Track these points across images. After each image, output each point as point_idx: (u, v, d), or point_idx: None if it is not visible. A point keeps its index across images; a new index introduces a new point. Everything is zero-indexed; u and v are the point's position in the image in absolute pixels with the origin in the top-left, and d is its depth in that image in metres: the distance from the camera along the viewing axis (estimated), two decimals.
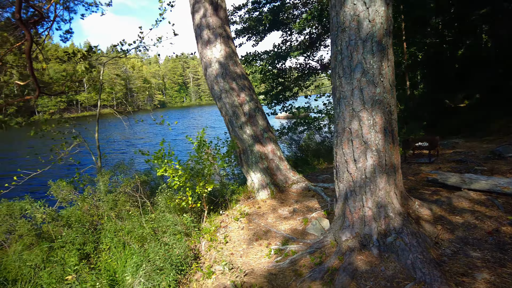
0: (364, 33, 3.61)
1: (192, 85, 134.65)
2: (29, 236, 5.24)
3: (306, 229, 4.77)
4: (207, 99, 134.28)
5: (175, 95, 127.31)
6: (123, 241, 5.33)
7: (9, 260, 4.94)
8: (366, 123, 3.69)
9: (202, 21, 6.40)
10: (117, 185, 6.24)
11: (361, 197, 3.79)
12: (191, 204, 5.40)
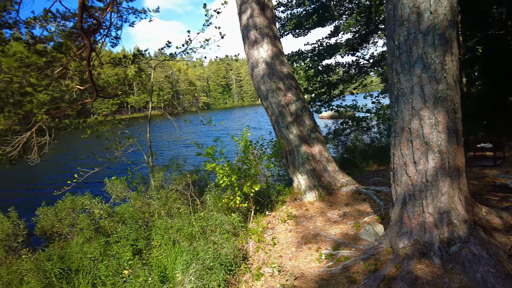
0: (425, 26, 3.36)
1: (235, 86, 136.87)
2: (89, 230, 5.58)
3: (358, 234, 4.57)
4: (249, 100, 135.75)
5: (218, 96, 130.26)
6: (173, 238, 5.48)
7: (72, 251, 5.29)
8: (427, 122, 3.43)
9: (249, 21, 6.41)
10: (168, 184, 6.45)
11: (421, 202, 3.53)
12: (238, 203, 5.41)
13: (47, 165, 22.17)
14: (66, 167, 21.26)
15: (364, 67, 11.51)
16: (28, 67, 7.87)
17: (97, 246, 5.28)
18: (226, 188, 5.96)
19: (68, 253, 5.29)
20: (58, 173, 19.72)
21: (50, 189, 15.27)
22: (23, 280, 4.67)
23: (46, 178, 19.12)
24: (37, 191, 16.17)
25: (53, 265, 4.83)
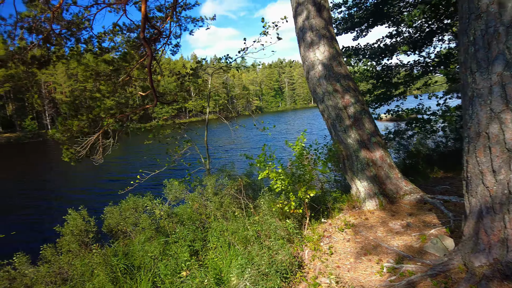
0: (509, 17, 2.97)
1: (287, 89, 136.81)
2: (150, 229, 5.85)
3: (424, 247, 4.19)
4: (302, 103, 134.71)
5: (271, 100, 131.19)
6: (228, 241, 5.52)
7: (134, 249, 5.59)
8: (510, 126, 3.02)
9: (305, 23, 6.29)
10: (222, 187, 6.55)
11: (503, 216, 3.11)
12: (293, 209, 5.30)
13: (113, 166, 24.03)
14: (131, 169, 22.80)
15: (428, 65, 10.68)
16: (97, 75, 8.57)
17: (157, 245, 5.51)
18: (280, 193, 5.88)
19: (131, 250, 5.59)
20: (123, 175, 21.21)
21: (116, 189, 16.53)
22: (94, 273, 5.03)
23: (113, 178, 20.66)
24: (104, 191, 17.52)
25: (118, 261, 5.14)
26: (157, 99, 8.09)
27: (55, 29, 8.42)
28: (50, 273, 5.18)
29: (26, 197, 17.90)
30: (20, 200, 17.41)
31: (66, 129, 8.01)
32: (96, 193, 17.01)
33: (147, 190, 8.10)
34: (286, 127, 46.55)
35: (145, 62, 8.95)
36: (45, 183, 21.57)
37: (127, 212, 6.34)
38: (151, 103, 8.62)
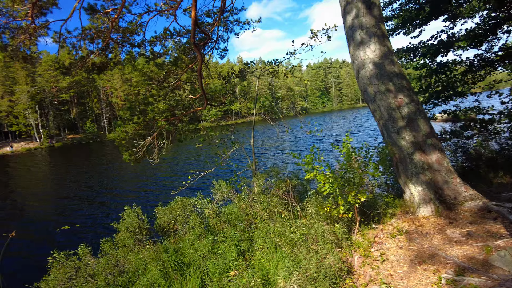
0: None
1: (334, 89, 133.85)
2: (199, 228, 6.03)
3: (489, 259, 3.84)
4: (349, 103, 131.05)
5: (316, 100, 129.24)
6: (275, 243, 5.51)
7: (184, 246, 5.79)
8: None
9: (354, 22, 6.10)
10: (269, 189, 6.56)
11: None
12: (342, 213, 5.15)
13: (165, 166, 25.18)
14: (182, 169, 23.70)
15: (490, 61, 9.78)
16: (150, 80, 9.04)
17: (206, 244, 5.66)
18: (328, 196, 5.75)
19: (181, 248, 5.80)
20: (174, 174, 22.11)
21: (168, 188, 17.24)
22: (147, 267, 5.29)
23: (164, 179, 21.63)
24: (157, 189, 18.40)
25: (169, 258, 5.36)
26: (207, 101, 8.32)
27: (112, 37, 9.06)
28: (109, 265, 5.54)
29: (89, 193, 19.40)
30: (84, 195, 18.90)
31: (124, 132, 8.56)
32: (150, 192, 17.92)
33: (196, 189, 8.39)
34: (333, 128, 45.54)
35: (195, 66, 9.28)
36: (104, 181, 23.20)
37: (177, 210, 6.61)
38: (201, 106, 8.90)
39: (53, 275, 5.12)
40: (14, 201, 19.79)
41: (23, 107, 68.22)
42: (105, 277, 5.11)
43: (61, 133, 78.25)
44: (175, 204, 6.78)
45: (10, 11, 7.85)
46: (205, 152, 30.66)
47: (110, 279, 5.12)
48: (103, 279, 5.06)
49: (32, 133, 71.64)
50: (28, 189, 23.61)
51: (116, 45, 9.19)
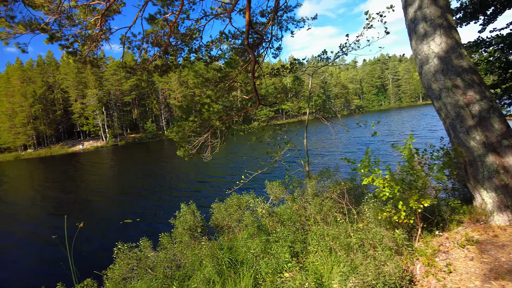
0: None
1: (392, 86, 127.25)
2: (252, 227, 6.08)
3: None
4: (408, 101, 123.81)
5: (372, 98, 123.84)
6: (329, 246, 5.36)
7: (238, 244, 5.88)
8: None
9: (417, 14, 5.68)
10: (323, 191, 6.41)
11: None
12: (403, 219, 4.83)
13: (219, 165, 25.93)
14: (235, 168, 24.24)
15: None
16: (207, 81, 9.34)
17: (258, 243, 5.69)
18: (387, 201, 5.45)
19: (235, 245, 5.89)
20: (227, 174, 22.68)
21: (222, 186, 17.72)
22: (202, 263, 5.46)
23: (217, 177, 22.29)
24: (209, 187, 19.02)
25: (223, 255, 5.47)
26: (260, 101, 8.37)
27: (171, 42, 9.52)
28: (167, 258, 5.82)
29: (148, 189, 20.67)
30: (144, 191, 20.19)
31: (181, 129, 8.95)
32: (204, 189, 18.57)
33: (249, 188, 8.48)
34: (390, 128, 43.26)
35: (249, 67, 9.40)
36: (161, 178, 24.56)
37: (231, 209, 6.73)
38: (253, 106, 8.99)
39: (118, 265, 5.50)
40: (83, 194, 21.76)
41: (92, 109, 74.92)
42: (164, 270, 5.36)
43: (124, 133, 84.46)
44: (230, 201, 6.92)
45: (82, 21, 8.60)
46: (257, 151, 31.02)
47: (168, 272, 5.37)
48: (161, 272, 5.32)
49: (100, 133, 78.50)
50: (95, 183, 25.85)
51: (176, 49, 9.65)
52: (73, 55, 8.36)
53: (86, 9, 8.32)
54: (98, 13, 8.39)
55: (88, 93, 75.77)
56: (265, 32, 10.05)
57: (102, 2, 8.27)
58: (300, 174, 8.70)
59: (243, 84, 9.93)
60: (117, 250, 5.76)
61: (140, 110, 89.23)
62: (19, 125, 70.21)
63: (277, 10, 9.82)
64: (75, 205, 18.79)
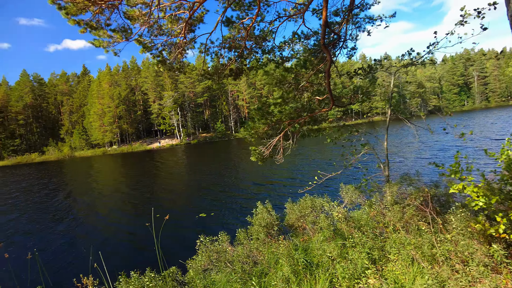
0: None
1: (477, 85, 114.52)
2: (328, 230, 6.02)
3: None
4: (497, 101, 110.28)
5: (453, 98, 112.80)
6: (411, 256, 5.08)
7: (313, 246, 5.87)
8: None
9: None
10: (404, 198, 6.07)
11: None
12: (501, 233, 4.36)
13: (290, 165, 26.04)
14: (307, 169, 24.10)
15: None
16: (280, 82, 9.45)
17: (334, 247, 5.61)
18: (479, 211, 4.97)
19: (310, 247, 5.89)
20: (295, 175, 22.65)
21: (294, 186, 17.79)
22: (278, 262, 5.57)
23: (286, 178, 22.37)
24: (279, 188, 19.17)
25: (299, 255, 5.51)
26: (334, 102, 8.24)
27: (247, 45, 9.85)
28: (244, 254, 6.05)
29: (219, 185, 21.65)
30: (215, 187, 21.20)
31: (253, 131, 9.21)
32: (274, 189, 18.79)
33: (320, 190, 8.39)
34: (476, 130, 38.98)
35: (322, 68, 9.29)
36: (231, 175, 25.52)
37: (305, 210, 6.74)
38: (327, 107, 8.87)
39: (200, 256, 5.89)
40: (161, 187, 23.60)
41: (168, 110, 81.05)
42: (242, 265, 5.59)
43: (196, 132, 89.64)
44: (304, 202, 6.93)
45: (170, 30, 9.36)
46: (331, 152, 30.49)
47: (245, 268, 5.58)
48: (240, 267, 5.55)
49: (175, 132, 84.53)
50: (171, 177, 27.86)
51: (250, 52, 9.97)
52: (163, 64, 9.13)
53: (172, 19, 9.05)
54: (183, 22, 9.06)
55: (165, 95, 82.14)
56: (340, 31, 9.82)
57: (186, 11, 8.91)
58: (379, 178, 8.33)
59: (315, 85, 9.85)
60: (199, 243, 6.16)
61: (211, 111, 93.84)
62: (107, 124, 78.94)
63: (352, 8, 9.54)
64: (155, 197, 20.49)
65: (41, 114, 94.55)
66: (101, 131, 79.53)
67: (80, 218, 17.20)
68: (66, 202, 21.82)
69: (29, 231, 15.29)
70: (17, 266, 10.72)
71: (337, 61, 10.25)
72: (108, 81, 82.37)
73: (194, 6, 8.99)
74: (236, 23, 9.31)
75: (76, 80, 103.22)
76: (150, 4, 8.47)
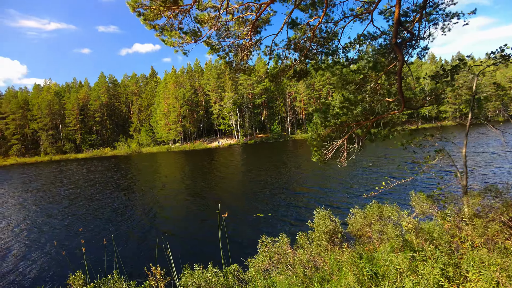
0: None
1: None
2: (396, 240, 5.66)
3: None
4: None
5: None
6: (496, 278, 4.56)
7: (378, 257, 5.56)
8: None
9: None
10: (489, 210, 5.47)
11: None
12: None
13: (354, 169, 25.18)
14: (374, 174, 22.97)
15: None
16: (347, 84, 9.15)
17: (403, 259, 5.25)
18: None
19: (376, 257, 5.59)
20: (364, 179, 21.49)
21: (357, 191, 17.10)
22: (341, 269, 5.38)
23: (355, 181, 21.52)
24: (345, 192, 18.43)
25: (364, 264, 5.26)
26: (405, 104, 7.75)
27: (312, 46, 9.71)
28: (305, 258, 5.94)
29: (276, 186, 21.65)
30: (272, 187, 21.26)
31: (316, 133, 9.05)
32: (334, 193, 18.22)
33: (389, 197, 7.93)
34: None
35: (392, 69, 8.80)
36: (288, 176, 25.35)
37: (371, 218, 6.42)
38: (397, 109, 8.38)
39: (262, 256, 5.92)
40: (221, 186, 24.30)
41: (228, 110, 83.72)
42: (303, 269, 5.50)
43: (253, 132, 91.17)
44: (370, 209, 6.60)
45: (236, 32, 9.59)
46: (400, 157, 28.89)
47: (307, 272, 5.48)
48: (301, 271, 5.46)
49: (233, 132, 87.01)
50: (229, 175, 28.56)
51: (315, 54, 9.81)
52: (229, 65, 9.39)
53: (240, 21, 9.27)
54: (249, 24, 9.23)
55: (225, 96, 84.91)
56: (411, 29, 9.23)
57: (253, 13, 9.06)
58: (453, 188, 7.63)
59: (386, 86, 9.36)
60: (261, 242, 6.19)
61: (268, 112, 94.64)
62: (171, 122, 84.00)
63: (426, 5, 8.89)
64: (214, 193, 21.19)
65: (114, 112, 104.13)
66: (166, 129, 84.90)
67: (146, 209, 18.46)
68: (135, 193, 23.55)
69: (103, 219, 16.78)
70: (94, 251, 11.82)
71: (409, 61, 9.65)
72: (173, 82, 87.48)
73: (261, 8, 9.11)
74: (302, 24, 9.24)
75: (145, 81, 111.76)
76: (219, 7, 8.77)
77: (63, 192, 26.94)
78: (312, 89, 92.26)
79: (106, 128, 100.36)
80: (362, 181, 20.52)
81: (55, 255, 11.81)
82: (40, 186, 31.88)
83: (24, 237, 14.79)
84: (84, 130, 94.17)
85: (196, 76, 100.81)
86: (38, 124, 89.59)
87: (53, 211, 19.61)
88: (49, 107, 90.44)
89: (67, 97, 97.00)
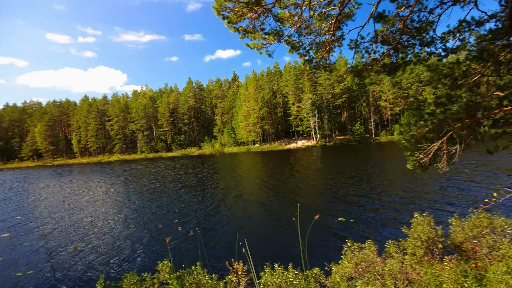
0: None
1: None
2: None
3: None
4: None
5: None
6: None
7: (490, 277, 4.73)
8: None
9: None
10: None
11: None
12: None
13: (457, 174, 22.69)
14: (481, 182, 20.26)
15: None
16: (445, 77, 8.11)
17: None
18: None
19: (486, 277, 4.77)
20: (467, 187, 18.97)
21: (461, 202, 15.19)
22: (440, 287, 4.71)
23: (456, 189, 19.33)
24: (443, 201, 16.37)
25: (470, 284, 4.51)
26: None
27: (402, 38, 8.89)
28: (396, 269, 5.37)
29: (358, 190, 20.55)
30: (353, 192, 20.22)
31: (408, 134, 8.22)
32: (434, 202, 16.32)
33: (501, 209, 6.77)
34: None
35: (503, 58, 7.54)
36: (371, 181, 23.85)
37: (479, 229, 5.52)
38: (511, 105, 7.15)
39: (346, 262, 5.53)
40: (299, 187, 23.98)
41: (306, 112, 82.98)
42: (395, 281, 4.96)
43: (332, 134, 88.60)
44: (477, 220, 5.69)
45: (318, 29, 9.28)
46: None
47: (399, 285, 4.93)
48: (392, 283, 4.94)
49: (311, 133, 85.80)
50: (308, 177, 28.06)
51: (406, 46, 8.96)
52: (309, 63, 9.14)
53: (321, 17, 8.94)
54: (331, 19, 8.85)
55: (304, 97, 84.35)
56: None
57: (336, 7, 8.65)
58: None
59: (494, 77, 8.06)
60: (347, 248, 5.80)
61: (349, 112, 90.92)
62: (251, 124, 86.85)
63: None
64: (292, 194, 21.00)
65: (200, 115, 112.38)
66: (246, 131, 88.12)
67: (230, 204, 19.23)
68: (220, 191, 24.73)
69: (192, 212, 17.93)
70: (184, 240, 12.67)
71: None
72: (253, 85, 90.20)
73: (345, 1, 8.66)
74: (390, 16, 8.54)
75: (227, 85, 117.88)
76: (301, 4, 8.58)
77: (160, 186, 29.70)
78: (399, 87, 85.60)
79: (193, 129, 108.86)
80: (465, 188, 18.18)
81: (149, 242, 12.95)
82: (142, 179, 35.73)
83: (129, 220, 16.69)
84: (174, 131, 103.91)
85: (275, 79, 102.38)
86: (136, 125, 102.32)
87: (150, 203, 21.71)
88: (144, 110, 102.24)
89: (159, 101, 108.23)
